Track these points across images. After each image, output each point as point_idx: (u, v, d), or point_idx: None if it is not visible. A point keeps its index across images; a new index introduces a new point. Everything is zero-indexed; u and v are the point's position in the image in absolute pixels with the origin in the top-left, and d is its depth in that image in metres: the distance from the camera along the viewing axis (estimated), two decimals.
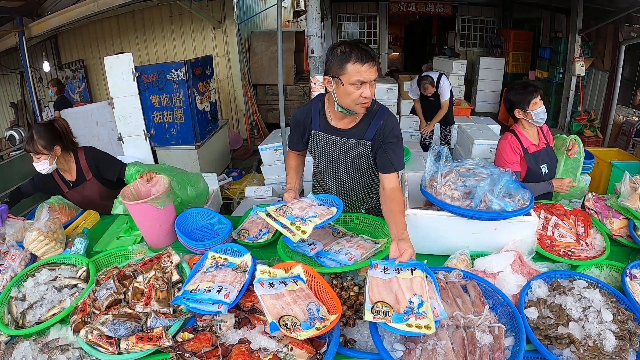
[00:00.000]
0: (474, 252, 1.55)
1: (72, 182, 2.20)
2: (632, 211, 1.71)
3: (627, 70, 5.64)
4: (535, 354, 1.15)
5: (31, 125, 7.45)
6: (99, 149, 2.27)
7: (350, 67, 1.43)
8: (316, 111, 1.73)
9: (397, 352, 1.12)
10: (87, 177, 2.19)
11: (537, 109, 2.12)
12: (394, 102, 6.32)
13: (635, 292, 1.31)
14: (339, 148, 1.73)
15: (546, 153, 2.24)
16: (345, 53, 1.44)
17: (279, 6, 4.41)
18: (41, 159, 2.03)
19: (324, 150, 1.77)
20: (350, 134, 1.68)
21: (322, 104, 1.73)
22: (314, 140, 1.77)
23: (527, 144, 2.18)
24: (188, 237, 1.73)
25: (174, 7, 6.46)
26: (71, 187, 2.20)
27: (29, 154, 2.03)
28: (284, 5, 9.11)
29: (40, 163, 2.04)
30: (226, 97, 7.03)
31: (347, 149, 1.72)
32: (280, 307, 1.15)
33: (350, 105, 1.52)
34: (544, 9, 7.44)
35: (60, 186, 2.21)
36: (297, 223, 1.43)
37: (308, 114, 1.75)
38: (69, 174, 2.19)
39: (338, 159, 1.77)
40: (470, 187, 1.56)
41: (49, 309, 1.46)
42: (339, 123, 1.69)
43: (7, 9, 5.23)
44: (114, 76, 4.72)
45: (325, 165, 1.83)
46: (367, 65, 1.43)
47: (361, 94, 1.46)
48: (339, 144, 1.71)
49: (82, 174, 2.19)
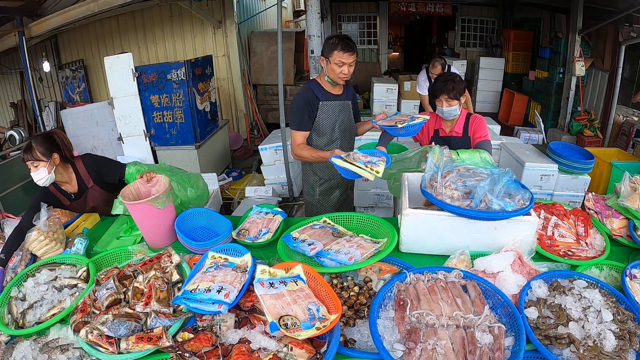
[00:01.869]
0: (474, 252, 1.55)
1: (74, 193, 2.13)
2: (632, 211, 1.71)
3: (627, 70, 5.64)
4: (535, 354, 1.15)
5: (31, 126, 7.46)
6: (95, 154, 2.22)
7: (336, 53, 2.09)
8: (316, 89, 2.26)
9: (397, 352, 1.12)
10: (89, 185, 2.12)
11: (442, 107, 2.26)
12: (394, 102, 6.32)
13: (635, 292, 1.31)
14: (342, 108, 2.33)
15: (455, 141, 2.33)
16: (335, 43, 2.09)
17: (279, 6, 4.41)
18: (39, 167, 1.94)
19: (335, 113, 2.31)
20: (343, 97, 2.34)
21: (317, 84, 2.28)
22: (324, 109, 2.27)
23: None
24: (188, 237, 1.73)
25: (174, 7, 6.46)
26: (73, 199, 2.14)
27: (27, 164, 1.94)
28: (284, 5, 9.11)
29: (39, 172, 1.94)
30: (226, 97, 7.03)
31: (346, 108, 2.36)
32: (280, 307, 1.15)
33: (334, 78, 2.18)
34: (544, 9, 7.43)
35: (60, 200, 2.13)
36: (369, 167, 1.73)
37: (312, 93, 2.24)
38: (70, 185, 2.12)
39: (345, 117, 2.35)
40: (470, 187, 1.56)
41: (49, 309, 1.46)
42: (333, 90, 2.29)
43: (7, 9, 5.23)
44: (114, 76, 4.72)
45: (336, 129, 2.33)
46: (348, 53, 2.09)
47: (341, 71, 2.14)
48: (342, 106, 2.33)
49: (83, 182, 2.12)
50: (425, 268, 1.42)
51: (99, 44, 6.98)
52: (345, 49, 2.07)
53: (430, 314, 1.21)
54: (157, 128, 5.07)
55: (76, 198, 2.14)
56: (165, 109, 4.98)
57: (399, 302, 1.27)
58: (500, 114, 8.01)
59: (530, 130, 6.30)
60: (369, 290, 1.41)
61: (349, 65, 2.14)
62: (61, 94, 7.60)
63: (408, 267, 1.49)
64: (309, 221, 1.80)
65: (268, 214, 1.94)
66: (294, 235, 1.66)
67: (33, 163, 1.93)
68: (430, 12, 9.27)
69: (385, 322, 1.23)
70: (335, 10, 9.36)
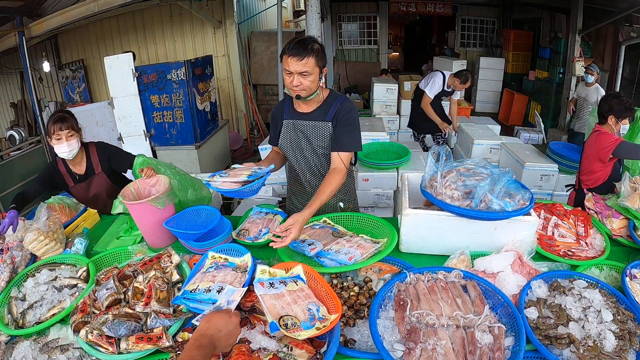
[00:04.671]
0: (474, 252, 1.55)
1: (79, 175, 2.18)
2: (632, 211, 1.71)
3: (627, 70, 5.64)
4: (535, 354, 1.15)
5: (31, 126, 7.45)
6: (109, 144, 2.29)
7: (284, 58, 1.65)
8: (287, 103, 1.91)
9: (397, 352, 1.12)
10: (97, 171, 2.18)
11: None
12: (394, 102, 6.32)
13: (635, 292, 1.31)
14: (303, 130, 1.85)
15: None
16: (287, 46, 1.64)
17: (279, 6, 4.42)
18: (72, 138, 2.04)
19: (292, 137, 1.89)
20: (312, 117, 1.83)
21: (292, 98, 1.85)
22: (284, 129, 1.90)
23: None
24: (187, 236, 1.72)
25: (174, 7, 6.46)
26: (77, 181, 2.18)
27: (59, 134, 1.99)
28: (284, 5, 9.11)
29: (69, 143, 2.03)
30: (226, 97, 7.03)
31: (310, 131, 1.84)
32: (280, 307, 1.15)
33: (288, 90, 1.73)
34: (544, 9, 7.44)
35: (65, 180, 2.19)
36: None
37: (281, 108, 1.93)
38: (79, 167, 2.18)
39: (304, 142, 1.88)
40: (470, 187, 1.56)
41: (49, 309, 1.46)
42: (300, 107, 1.85)
43: (7, 9, 5.22)
44: (114, 76, 4.72)
45: (294, 154, 1.93)
46: (295, 58, 1.61)
47: (291, 82, 1.67)
48: (303, 127, 1.85)
49: (91, 167, 2.18)
50: (425, 268, 1.42)
51: (99, 44, 6.99)
52: (292, 52, 1.61)
53: (430, 314, 1.21)
54: (157, 128, 5.07)
55: (80, 180, 2.18)
56: (165, 109, 4.98)
57: (399, 302, 1.27)
58: (500, 114, 8.02)
59: (530, 130, 6.30)
60: (369, 290, 1.41)
61: (299, 75, 1.64)
62: (61, 94, 7.61)
63: (408, 267, 1.49)
64: (309, 221, 1.80)
65: (268, 214, 1.94)
66: None
67: (68, 133, 2.01)
68: (430, 12, 9.28)
69: (385, 322, 1.23)
70: (335, 10, 9.36)
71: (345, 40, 9.86)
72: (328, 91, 1.87)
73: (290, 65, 1.63)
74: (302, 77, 1.66)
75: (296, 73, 1.64)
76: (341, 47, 9.79)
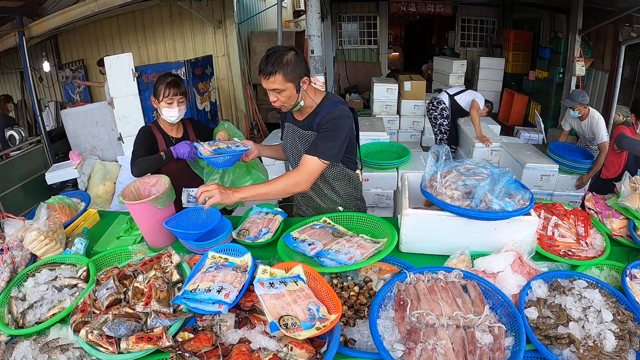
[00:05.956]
0: (474, 252, 1.55)
1: (176, 138, 2.26)
2: (632, 211, 1.71)
3: (627, 70, 5.64)
4: (535, 354, 1.15)
5: (31, 125, 7.45)
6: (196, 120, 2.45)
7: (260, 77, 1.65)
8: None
9: (397, 352, 1.12)
10: (191, 138, 2.28)
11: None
12: (394, 102, 6.32)
13: (635, 292, 1.31)
14: (297, 137, 1.89)
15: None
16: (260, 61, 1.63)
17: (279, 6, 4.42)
18: (182, 105, 2.13)
19: (289, 140, 1.95)
20: (303, 125, 1.86)
21: None
22: (285, 131, 1.99)
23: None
24: (187, 235, 1.72)
25: (174, 7, 6.45)
26: (172, 144, 2.21)
27: (166, 99, 2.07)
28: (284, 5, 9.10)
29: (180, 109, 2.12)
30: (226, 97, 7.03)
31: (301, 139, 1.87)
32: (281, 307, 1.15)
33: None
34: (544, 9, 7.43)
35: (158, 142, 2.22)
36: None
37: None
38: (176, 131, 2.27)
39: (298, 148, 1.89)
40: (470, 187, 1.56)
41: (49, 309, 1.46)
42: (295, 114, 1.89)
43: (7, 9, 5.22)
44: (114, 76, 4.72)
45: (292, 156, 1.98)
46: (263, 76, 1.63)
47: (270, 97, 1.70)
48: (297, 134, 1.89)
49: (187, 134, 2.29)
50: (425, 268, 1.42)
51: (99, 44, 6.98)
52: (259, 70, 1.62)
53: (430, 314, 1.21)
54: None
55: (176, 142, 2.24)
56: None
57: (399, 302, 1.27)
58: (500, 114, 8.02)
59: (531, 130, 6.31)
60: (369, 290, 1.41)
61: (272, 92, 1.66)
62: (61, 94, 7.60)
63: (408, 267, 1.49)
64: (309, 221, 1.80)
65: (268, 214, 1.94)
66: (294, 235, 1.66)
67: (180, 99, 2.12)
68: (430, 12, 9.28)
69: (385, 322, 1.23)
70: (335, 10, 9.36)
71: (345, 40, 9.86)
72: (323, 95, 1.81)
73: (262, 82, 1.65)
74: (276, 94, 1.66)
75: (269, 90, 1.66)
76: (341, 47, 9.79)
